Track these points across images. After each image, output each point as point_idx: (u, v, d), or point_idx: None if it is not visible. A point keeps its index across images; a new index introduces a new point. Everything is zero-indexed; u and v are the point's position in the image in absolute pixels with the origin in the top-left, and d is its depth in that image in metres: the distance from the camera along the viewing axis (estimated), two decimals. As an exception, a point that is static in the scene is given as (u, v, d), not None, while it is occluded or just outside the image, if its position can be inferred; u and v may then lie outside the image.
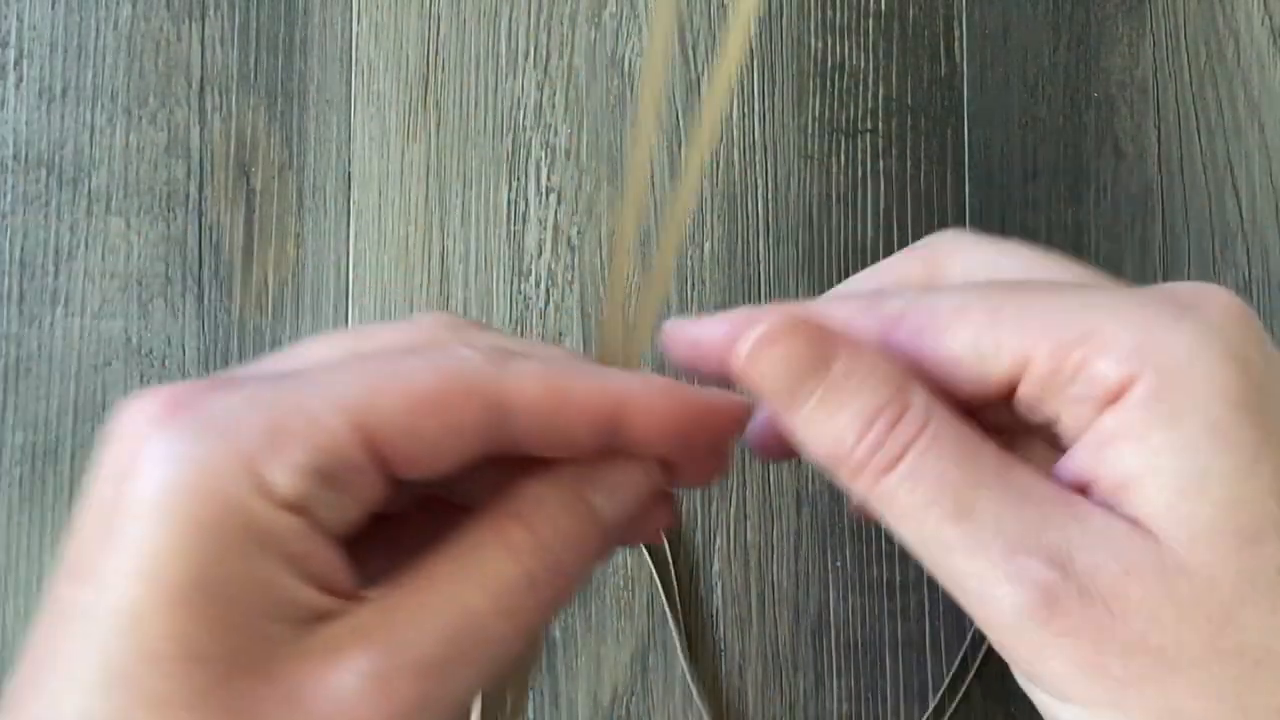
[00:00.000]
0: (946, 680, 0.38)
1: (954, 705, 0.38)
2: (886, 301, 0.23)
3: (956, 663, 0.38)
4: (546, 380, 0.22)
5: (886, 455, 0.21)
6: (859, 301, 0.24)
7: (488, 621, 0.21)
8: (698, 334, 0.24)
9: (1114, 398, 0.21)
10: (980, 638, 0.38)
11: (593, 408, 0.22)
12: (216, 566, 0.19)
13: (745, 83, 0.41)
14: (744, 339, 0.23)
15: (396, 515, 0.24)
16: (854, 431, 0.22)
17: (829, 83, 0.41)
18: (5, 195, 0.40)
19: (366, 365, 0.21)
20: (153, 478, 0.19)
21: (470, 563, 0.21)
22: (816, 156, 0.40)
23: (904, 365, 0.22)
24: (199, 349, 0.40)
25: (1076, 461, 0.21)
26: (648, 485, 0.24)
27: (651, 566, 0.39)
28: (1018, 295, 0.22)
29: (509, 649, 0.21)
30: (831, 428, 0.22)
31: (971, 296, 0.22)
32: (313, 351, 0.23)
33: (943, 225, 0.40)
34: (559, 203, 0.40)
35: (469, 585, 0.21)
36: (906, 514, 0.21)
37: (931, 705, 0.38)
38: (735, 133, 0.40)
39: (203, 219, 0.40)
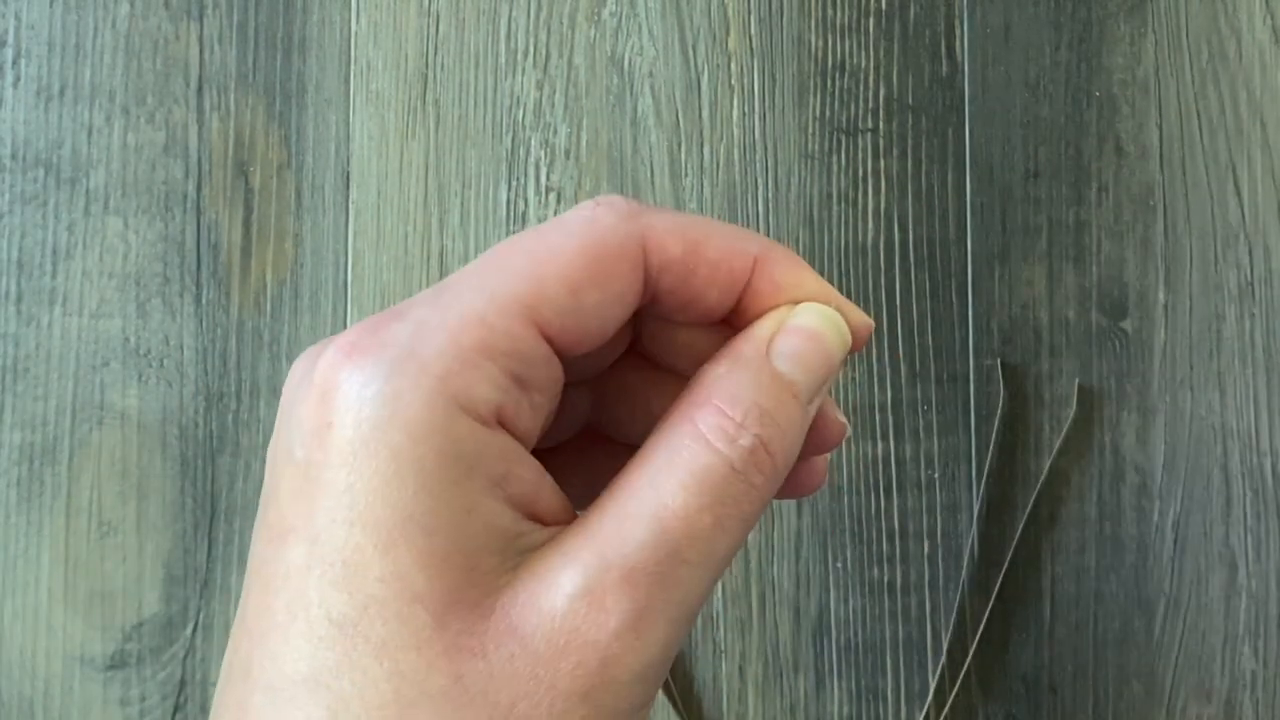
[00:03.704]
0: (947, 681, 0.38)
1: (954, 706, 0.38)
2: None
3: (957, 663, 0.38)
4: (685, 233, 0.22)
5: None
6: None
7: (692, 517, 0.20)
8: None
9: None
10: (980, 639, 0.38)
11: (727, 261, 0.22)
12: (424, 499, 0.18)
13: (745, 81, 0.40)
14: None
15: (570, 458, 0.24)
16: None
17: (829, 81, 0.40)
18: (3, 195, 0.40)
19: (516, 258, 0.21)
20: (348, 420, 0.19)
21: (665, 461, 0.20)
22: (817, 156, 0.40)
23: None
24: (197, 349, 0.40)
25: None
26: (837, 344, 0.22)
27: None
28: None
29: (723, 544, 0.20)
30: None
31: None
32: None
33: (944, 225, 0.40)
34: (558, 202, 0.40)
35: (667, 484, 0.20)
36: None
37: (932, 706, 0.38)
38: (735, 132, 0.40)
39: (201, 218, 0.40)
